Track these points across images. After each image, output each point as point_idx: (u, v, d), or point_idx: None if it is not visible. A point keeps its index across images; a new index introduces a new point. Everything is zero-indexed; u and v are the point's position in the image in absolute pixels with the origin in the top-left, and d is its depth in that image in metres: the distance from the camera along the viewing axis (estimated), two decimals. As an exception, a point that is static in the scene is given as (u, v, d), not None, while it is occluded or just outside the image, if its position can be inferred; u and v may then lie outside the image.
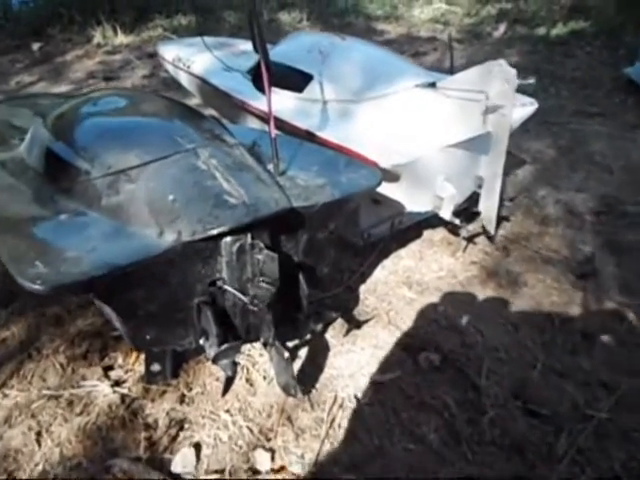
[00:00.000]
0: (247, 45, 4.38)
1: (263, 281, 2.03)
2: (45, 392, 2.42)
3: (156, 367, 2.39)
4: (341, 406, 2.34)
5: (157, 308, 2.00)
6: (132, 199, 2.07)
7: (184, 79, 4.49)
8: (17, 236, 1.99)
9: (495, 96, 2.71)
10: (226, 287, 2.04)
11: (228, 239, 1.97)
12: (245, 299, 2.05)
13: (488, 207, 3.07)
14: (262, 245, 2.00)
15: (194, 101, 5.17)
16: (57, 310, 2.86)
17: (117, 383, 2.45)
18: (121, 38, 7.92)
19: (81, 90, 5.95)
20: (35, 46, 7.66)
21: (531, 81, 2.86)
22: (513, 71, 2.66)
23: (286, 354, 2.13)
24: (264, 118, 2.64)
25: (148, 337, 2.05)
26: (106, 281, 1.79)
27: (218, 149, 2.30)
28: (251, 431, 2.24)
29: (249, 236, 1.98)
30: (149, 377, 2.41)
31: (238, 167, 2.22)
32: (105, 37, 7.93)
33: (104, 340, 2.65)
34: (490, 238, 3.31)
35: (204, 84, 4.11)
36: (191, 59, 4.32)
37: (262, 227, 2.04)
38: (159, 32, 8.22)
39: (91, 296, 1.88)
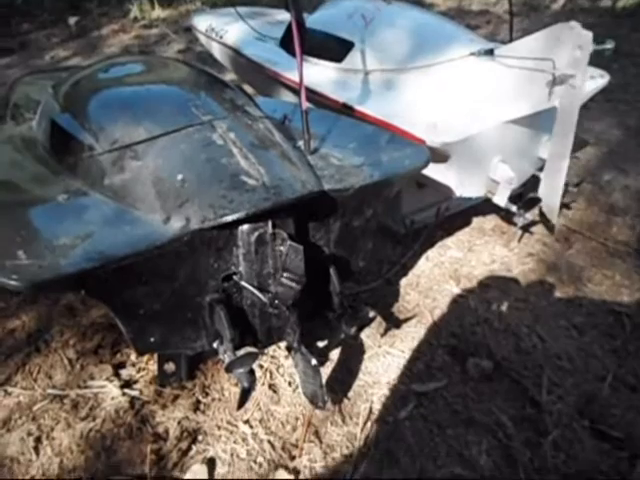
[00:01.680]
0: (284, 14, 4.07)
1: (286, 277, 1.73)
2: (50, 391, 2.19)
3: (170, 367, 2.14)
4: (377, 420, 2.04)
5: (162, 307, 1.71)
6: (137, 179, 1.79)
7: (216, 50, 4.21)
8: (6, 220, 1.72)
9: (565, 64, 2.32)
10: (242, 283, 1.75)
11: (245, 227, 1.67)
12: (264, 298, 1.75)
13: (551, 193, 2.68)
14: (285, 235, 1.69)
15: (228, 76, 4.91)
16: (71, 299, 2.64)
17: (127, 384, 2.21)
18: (158, 12, 7.71)
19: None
20: (72, 20, 7.51)
21: (609, 46, 2.45)
22: (588, 34, 2.27)
23: (313, 361, 1.82)
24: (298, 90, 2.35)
25: (152, 340, 1.77)
26: (100, 275, 1.52)
27: (238, 122, 2.00)
28: (273, 446, 1.96)
29: (270, 224, 1.67)
30: (162, 378, 2.16)
31: (261, 143, 1.91)
32: (142, 11, 7.74)
33: (118, 334, 2.40)
34: (550, 228, 2.93)
35: (236, 55, 3.82)
36: (224, 29, 4.03)
37: (286, 213, 1.73)
38: (197, 5, 7.96)
39: (83, 293, 1.60)
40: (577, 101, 2.43)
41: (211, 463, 1.91)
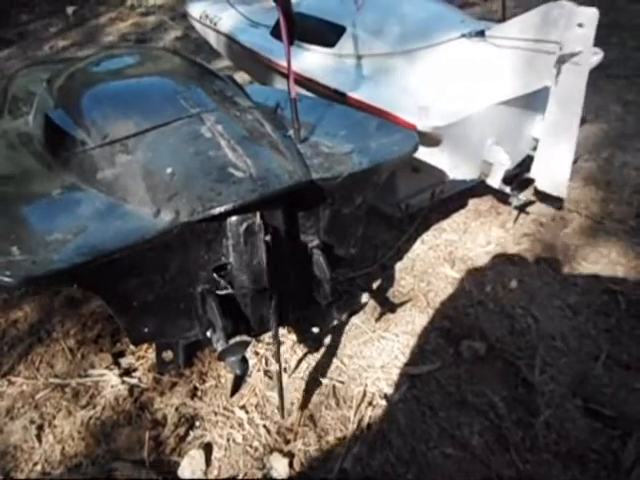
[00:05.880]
0: (277, 0, 4.04)
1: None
2: (52, 380, 2.25)
3: (168, 355, 2.18)
4: (370, 403, 2.08)
5: (155, 298, 1.75)
6: (127, 172, 1.81)
7: (212, 38, 4.21)
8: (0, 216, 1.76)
9: (565, 42, 2.30)
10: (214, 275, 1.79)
11: (233, 219, 1.69)
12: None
13: (560, 169, 2.64)
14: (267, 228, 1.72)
15: (224, 63, 4.91)
16: (71, 291, 2.68)
17: (127, 372, 2.26)
18: (155, -1, 7.66)
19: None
20: (69, 10, 7.48)
21: None
22: (593, 11, 2.24)
23: (274, 367, 1.88)
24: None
25: (147, 330, 1.81)
26: (92, 269, 1.55)
27: (227, 114, 2.01)
28: (268, 431, 2.00)
29: (258, 215, 1.70)
30: (160, 366, 2.19)
31: (249, 134, 1.92)
32: (139, -2, 7.69)
33: (117, 324, 2.44)
34: (559, 205, 2.92)
35: (231, 42, 3.82)
36: (218, 16, 4.02)
37: (275, 204, 1.75)
38: (194, -9, 7.90)
39: (76, 287, 1.64)
40: (583, 77, 2.38)
41: (208, 448, 1.96)
